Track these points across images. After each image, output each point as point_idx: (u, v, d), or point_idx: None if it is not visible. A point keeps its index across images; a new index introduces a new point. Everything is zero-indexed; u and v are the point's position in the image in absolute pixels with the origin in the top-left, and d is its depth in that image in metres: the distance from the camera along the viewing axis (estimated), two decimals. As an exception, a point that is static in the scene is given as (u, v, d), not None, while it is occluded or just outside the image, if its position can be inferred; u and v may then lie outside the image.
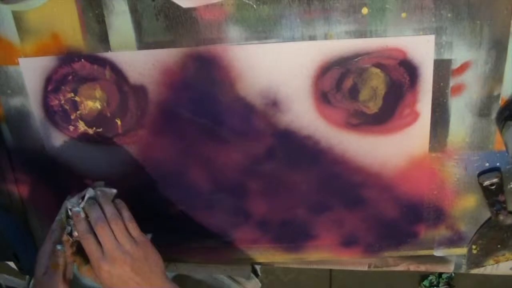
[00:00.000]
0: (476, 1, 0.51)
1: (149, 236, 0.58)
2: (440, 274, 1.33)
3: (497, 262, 0.67)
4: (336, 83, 0.57)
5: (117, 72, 0.59)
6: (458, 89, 0.56)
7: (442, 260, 0.68)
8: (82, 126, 0.63)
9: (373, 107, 0.58)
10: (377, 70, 0.55)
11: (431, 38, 0.53)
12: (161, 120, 0.62)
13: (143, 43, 0.58)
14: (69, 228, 0.57)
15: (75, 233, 0.57)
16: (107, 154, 0.65)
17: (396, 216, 0.64)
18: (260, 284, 0.79)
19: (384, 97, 0.57)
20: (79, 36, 0.58)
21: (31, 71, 0.61)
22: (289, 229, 0.67)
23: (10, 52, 0.60)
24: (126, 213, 0.57)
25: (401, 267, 0.70)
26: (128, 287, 0.54)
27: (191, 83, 0.59)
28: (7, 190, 0.69)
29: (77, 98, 0.62)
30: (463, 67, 0.54)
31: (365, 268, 0.71)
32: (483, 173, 0.60)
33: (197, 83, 0.59)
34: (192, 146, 0.63)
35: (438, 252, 0.67)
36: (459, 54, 0.54)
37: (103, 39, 0.58)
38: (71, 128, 0.64)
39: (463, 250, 0.66)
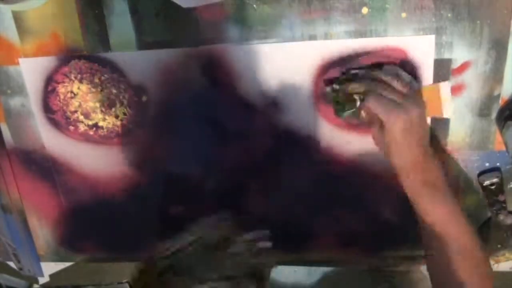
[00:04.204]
0: (476, 1, 0.51)
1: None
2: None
3: (497, 262, 0.67)
4: (336, 83, 0.56)
5: (117, 72, 0.59)
6: (458, 89, 0.56)
7: (442, 260, 0.68)
8: (82, 126, 0.63)
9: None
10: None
11: (431, 38, 0.53)
12: (161, 120, 0.62)
13: (143, 43, 0.58)
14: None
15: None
16: (107, 154, 0.65)
17: (396, 216, 0.64)
18: None
19: (384, 97, 0.57)
20: (79, 36, 0.58)
21: (31, 71, 0.61)
22: (289, 229, 0.67)
23: (10, 52, 0.60)
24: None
25: (401, 267, 0.69)
26: (411, 141, 0.49)
27: (191, 83, 0.59)
28: (7, 190, 0.69)
29: (77, 98, 0.62)
30: (463, 67, 0.54)
31: (365, 268, 0.71)
32: (483, 173, 0.60)
33: (197, 83, 0.59)
34: (192, 146, 0.63)
35: (438, 252, 0.67)
36: (459, 54, 0.54)
37: (103, 39, 0.58)
38: (71, 128, 0.64)
39: (463, 250, 0.66)
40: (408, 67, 0.54)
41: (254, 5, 0.54)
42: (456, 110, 0.57)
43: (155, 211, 0.68)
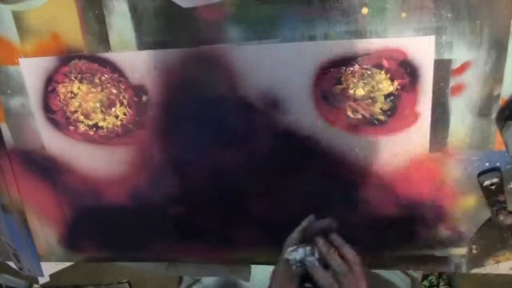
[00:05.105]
0: (476, 1, 0.51)
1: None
2: (440, 274, 1.33)
3: (497, 262, 0.67)
4: (336, 83, 0.57)
5: (117, 72, 0.59)
6: (458, 89, 0.56)
7: (442, 260, 0.68)
8: (82, 126, 0.63)
9: (374, 108, 0.57)
10: (377, 71, 0.55)
11: (431, 38, 0.53)
12: (161, 120, 0.62)
13: (143, 43, 0.58)
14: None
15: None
16: (107, 154, 0.65)
17: (396, 216, 0.64)
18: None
19: (385, 97, 0.57)
20: (79, 36, 0.58)
21: (31, 71, 0.61)
22: (289, 229, 0.67)
23: (10, 52, 0.60)
24: (338, 239, 0.54)
25: (401, 267, 0.69)
26: None
27: (191, 84, 0.59)
28: (7, 190, 0.69)
29: (77, 98, 0.62)
30: (463, 67, 0.54)
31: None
32: (483, 173, 0.60)
33: (197, 83, 0.59)
34: (192, 146, 0.63)
35: (438, 252, 0.67)
36: (459, 54, 0.54)
37: (103, 39, 0.58)
38: (71, 128, 0.64)
39: (463, 250, 0.66)
40: (408, 67, 0.54)
41: (254, 5, 0.54)
42: (456, 110, 0.57)
43: (155, 211, 0.68)
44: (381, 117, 0.58)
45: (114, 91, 0.61)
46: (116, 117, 0.62)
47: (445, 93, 0.56)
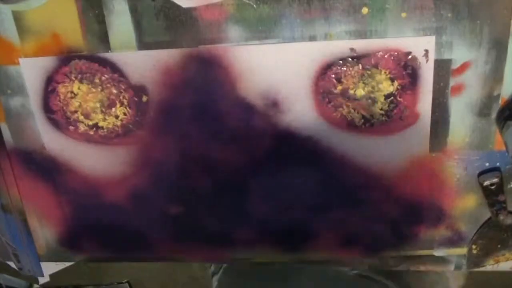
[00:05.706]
0: (476, 1, 0.51)
1: None
2: (440, 274, 1.33)
3: (497, 262, 0.67)
4: (336, 83, 0.57)
5: (117, 72, 0.59)
6: (458, 89, 0.56)
7: (442, 260, 0.68)
8: (82, 126, 0.63)
9: (374, 108, 0.58)
10: (377, 71, 0.55)
11: (432, 39, 0.53)
12: (161, 120, 0.62)
13: (143, 43, 0.58)
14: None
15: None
16: (107, 154, 0.65)
17: (396, 216, 0.64)
18: None
19: (385, 98, 0.57)
20: (79, 36, 0.58)
21: (31, 71, 0.61)
22: (289, 229, 0.67)
23: (10, 52, 0.60)
24: None
25: (401, 267, 0.70)
26: None
27: (191, 84, 0.59)
28: (7, 190, 0.69)
29: (77, 98, 0.62)
30: (463, 67, 0.54)
31: (365, 268, 0.71)
32: (483, 173, 0.60)
33: (197, 83, 0.59)
34: (192, 146, 0.63)
35: (438, 252, 0.67)
36: (459, 54, 0.54)
37: (103, 39, 0.58)
38: (71, 128, 0.64)
39: (463, 250, 0.66)
40: (408, 68, 0.54)
41: (254, 5, 0.54)
42: (456, 110, 0.57)
43: (155, 211, 0.68)
44: (381, 118, 0.58)
45: (114, 91, 0.61)
46: (116, 117, 0.62)
47: (445, 93, 0.56)
